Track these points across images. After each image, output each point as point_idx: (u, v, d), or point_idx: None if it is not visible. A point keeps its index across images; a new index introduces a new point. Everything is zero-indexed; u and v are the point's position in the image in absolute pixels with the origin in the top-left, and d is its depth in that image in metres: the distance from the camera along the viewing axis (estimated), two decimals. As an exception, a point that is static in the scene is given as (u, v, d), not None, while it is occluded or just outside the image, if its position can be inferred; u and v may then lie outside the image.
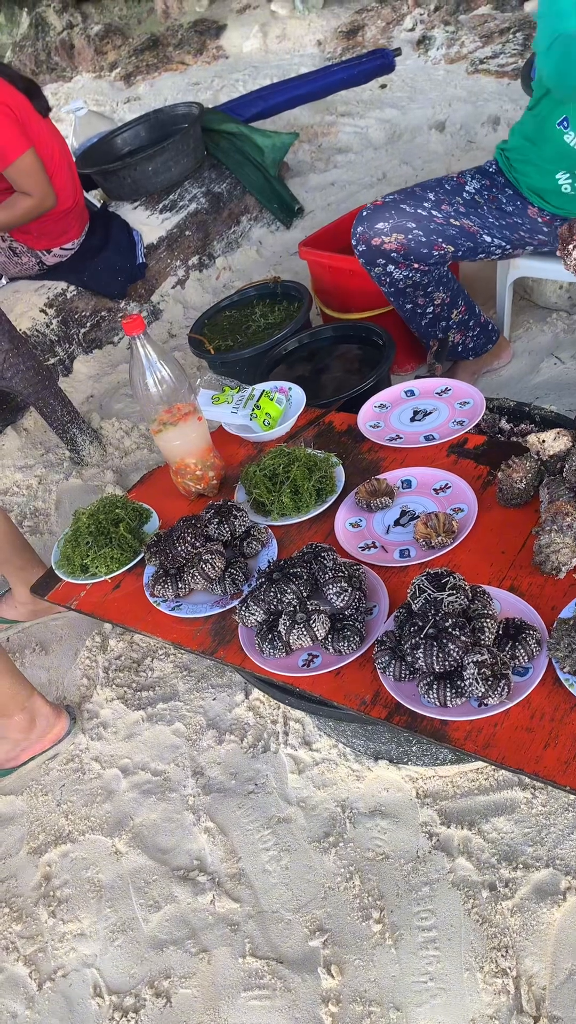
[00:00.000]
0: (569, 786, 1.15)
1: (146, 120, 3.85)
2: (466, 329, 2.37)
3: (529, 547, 1.46)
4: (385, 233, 2.10)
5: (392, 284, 2.21)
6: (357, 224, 2.17)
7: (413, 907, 1.47)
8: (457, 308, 2.30)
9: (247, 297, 2.77)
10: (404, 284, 2.20)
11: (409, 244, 2.10)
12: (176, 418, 1.73)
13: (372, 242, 2.13)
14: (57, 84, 6.93)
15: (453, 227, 2.11)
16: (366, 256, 2.18)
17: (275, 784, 1.73)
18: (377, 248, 2.13)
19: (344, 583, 1.41)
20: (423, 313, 2.28)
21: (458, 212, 2.12)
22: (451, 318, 2.31)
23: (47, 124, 2.86)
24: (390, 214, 2.11)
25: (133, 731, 1.94)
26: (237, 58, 6.13)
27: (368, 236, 2.14)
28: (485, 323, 2.42)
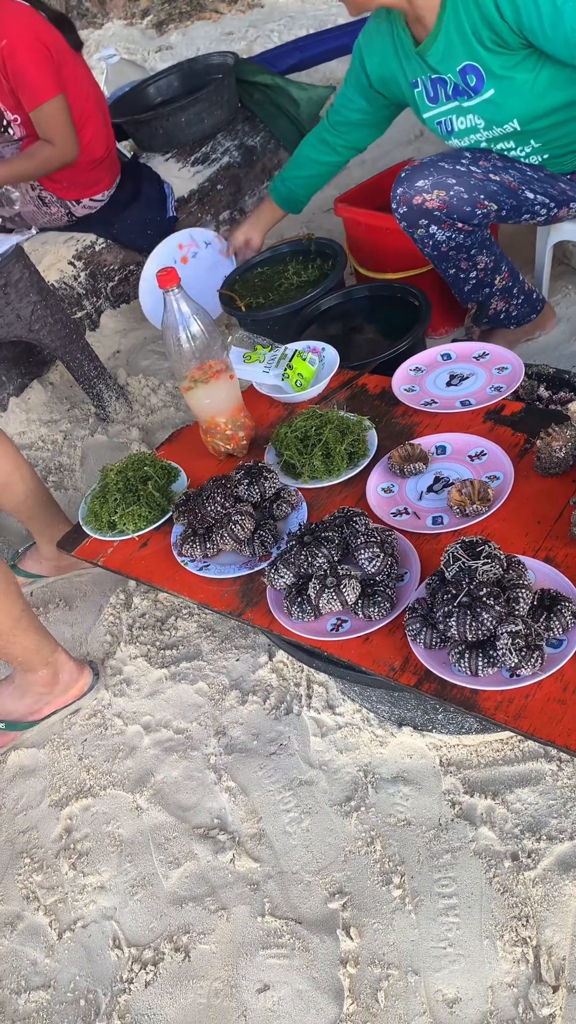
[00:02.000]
0: (601, 761, 1.13)
1: (179, 70, 3.76)
2: (510, 297, 2.31)
3: (566, 518, 1.43)
4: (426, 191, 2.04)
5: (435, 247, 2.15)
6: (397, 186, 2.11)
7: (434, 874, 1.47)
8: (500, 274, 2.25)
9: (280, 254, 2.71)
10: (447, 247, 2.14)
11: (451, 201, 2.04)
12: (208, 376, 1.71)
13: (413, 201, 2.07)
14: (88, 31, 6.80)
15: (493, 182, 2.05)
16: (408, 218, 2.12)
17: (297, 746, 1.73)
18: (419, 208, 2.07)
19: (376, 548, 1.39)
20: (466, 278, 2.22)
21: (496, 167, 2.06)
22: (494, 284, 2.25)
23: (83, 66, 2.80)
24: (429, 172, 2.05)
25: (156, 689, 1.94)
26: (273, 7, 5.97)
27: (408, 196, 2.08)
28: (529, 291, 2.36)
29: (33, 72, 2.55)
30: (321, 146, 2.35)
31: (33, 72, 2.55)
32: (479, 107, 1.95)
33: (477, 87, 1.90)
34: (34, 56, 2.54)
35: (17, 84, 2.59)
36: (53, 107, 2.60)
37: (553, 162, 2.03)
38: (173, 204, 3.37)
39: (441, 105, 2.02)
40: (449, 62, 1.90)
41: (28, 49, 2.54)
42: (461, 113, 2.00)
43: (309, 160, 2.38)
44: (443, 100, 2.01)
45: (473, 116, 1.98)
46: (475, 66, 1.87)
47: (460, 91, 1.94)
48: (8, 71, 2.58)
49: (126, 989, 1.47)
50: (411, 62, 2.00)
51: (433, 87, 2.00)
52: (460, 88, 1.93)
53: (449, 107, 2.01)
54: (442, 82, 1.97)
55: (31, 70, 2.55)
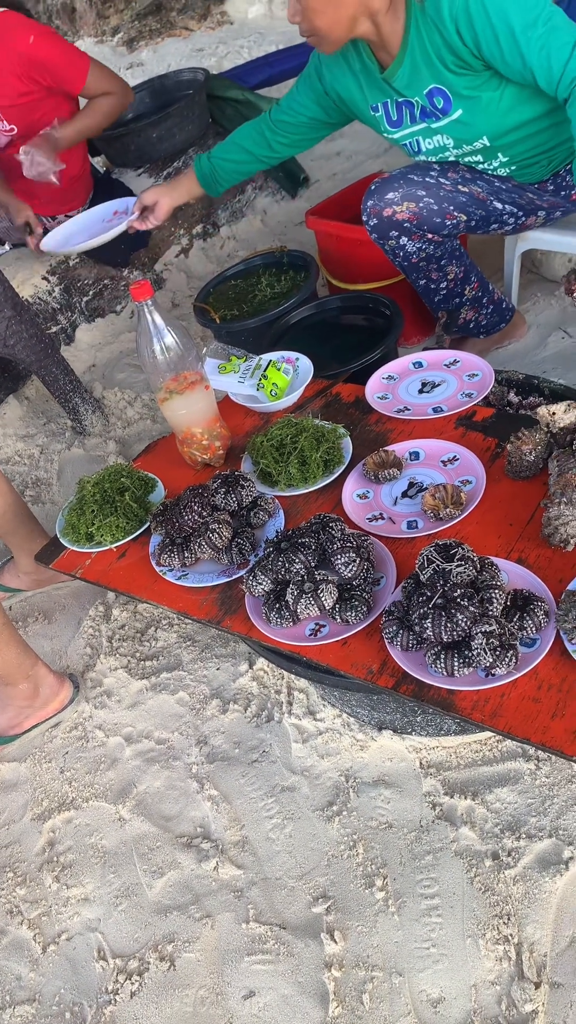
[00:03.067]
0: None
1: (150, 86, 3.79)
2: (480, 306, 2.34)
3: (537, 519, 1.46)
4: (396, 203, 2.07)
5: (406, 258, 2.18)
6: (367, 199, 2.14)
7: (416, 875, 1.48)
8: (470, 284, 2.28)
9: (253, 266, 2.74)
10: (418, 258, 2.17)
11: (421, 213, 2.07)
12: (183, 387, 1.72)
13: (384, 213, 2.10)
14: (58, 49, 6.82)
15: (462, 193, 2.08)
16: (378, 230, 2.15)
17: (279, 753, 1.74)
18: (389, 219, 2.10)
19: (352, 553, 1.41)
20: (437, 288, 2.25)
21: (464, 178, 2.10)
22: (464, 294, 2.28)
23: None
24: (399, 184, 2.08)
25: (137, 700, 1.94)
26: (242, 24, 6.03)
27: (379, 208, 2.11)
28: (499, 300, 2.39)
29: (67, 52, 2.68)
30: (259, 138, 2.26)
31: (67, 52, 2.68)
32: (448, 127, 1.96)
33: (445, 108, 1.91)
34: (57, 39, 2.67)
35: (60, 72, 2.68)
36: (95, 69, 2.73)
37: (521, 173, 2.07)
38: (146, 219, 3.39)
39: (405, 128, 2.03)
40: (415, 86, 1.91)
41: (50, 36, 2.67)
42: (429, 134, 2.01)
43: (242, 148, 2.28)
44: (407, 123, 2.01)
45: (442, 136, 2.00)
46: (441, 88, 1.88)
47: (428, 113, 1.95)
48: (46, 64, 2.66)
49: (112, 1000, 1.47)
50: (374, 87, 2.00)
51: (398, 110, 2.01)
52: (428, 110, 1.94)
53: (415, 129, 2.02)
54: (408, 105, 1.98)
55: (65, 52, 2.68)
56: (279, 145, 2.27)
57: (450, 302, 2.30)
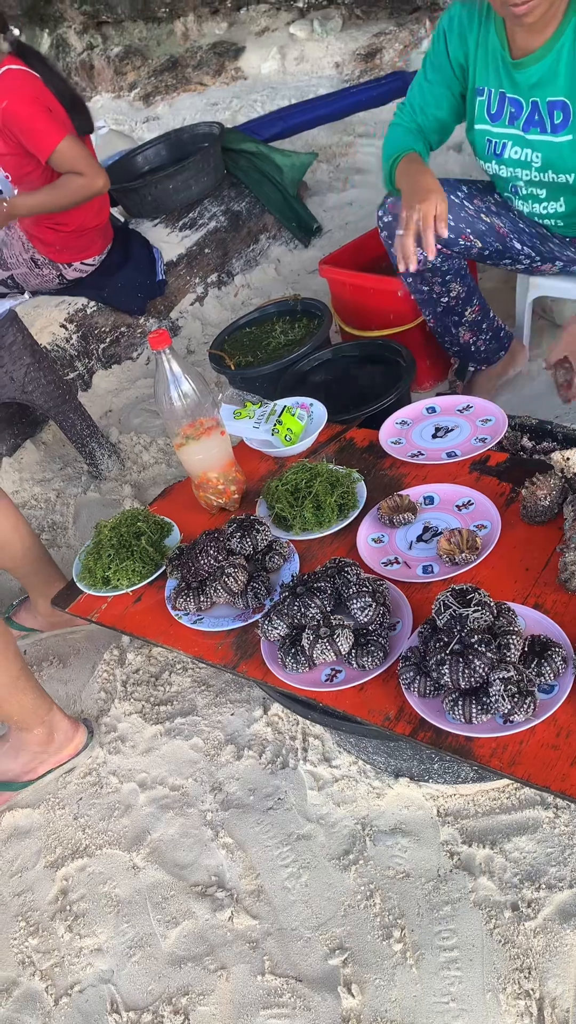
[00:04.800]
0: (596, 805, 1.14)
1: (167, 139, 3.89)
2: (478, 331, 2.36)
3: (553, 565, 1.46)
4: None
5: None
6: (388, 197, 2.15)
7: (434, 927, 1.45)
8: (471, 306, 2.29)
9: (267, 314, 2.78)
10: (423, 266, 2.17)
11: None
12: (199, 432, 1.74)
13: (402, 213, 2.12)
14: (77, 104, 7.01)
15: (483, 222, 2.09)
16: (389, 228, 2.15)
17: (294, 800, 1.72)
18: None
19: (368, 598, 1.41)
20: (438, 300, 2.24)
21: (489, 210, 2.11)
22: (464, 314, 2.30)
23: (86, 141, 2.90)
24: None
25: (151, 745, 1.93)
26: (256, 79, 6.19)
27: (397, 207, 2.10)
28: (498, 328, 2.41)
29: (37, 123, 2.66)
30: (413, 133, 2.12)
31: (37, 123, 2.66)
32: (548, 146, 1.88)
33: (559, 127, 1.82)
34: (34, 110, 2.66)
35: (26, 140, 2.69)
36: (67, 145, 2.68)
37: (564, 227, 2.06)
38: (162, 268, 3.46)
39: (501, 126, 1.94)
40: (543, 88, 1.80)
41: (27, 105, 2.66)
42: (521, 144, 1.92)
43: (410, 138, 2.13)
44: (505, 122, 1.92)
45: (532, 152, 1.91)
46: (568, 104, 1.79)
47: (536, 122, 1.86)
48: (13, 130, 2.68)
49: (124, 1055, 1.44)
50: (492, 70, 1.90)
51: (501, 104, 1.90)
52: (537, 119, 1.85)
53: (509, 132, 1.93)
54: (517, 104, 1.88)
55: (35, 122, 2.66)
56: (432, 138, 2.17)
57: (450, 318, 2.31)
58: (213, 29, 6.74)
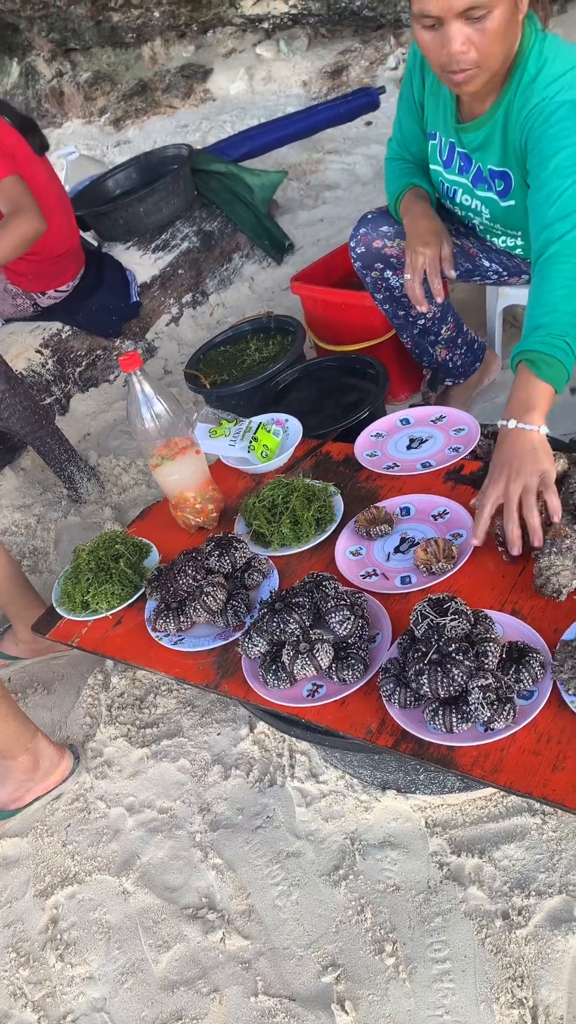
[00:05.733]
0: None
1: (136, 162, 3.91)
2: (454, 347, 2.38)
3: (529, 570, 1.46)
4: (388, 237, 2.09)
5: (388, 290, 2.20)
6: (360, 226, 2.17)
7: (426, 939, 1.45)
8: (446, 324, 2.31)
9: (241, 332, 2.79)
10: (399, 292, 2.19)
11: None
12: (174, 452, 1.75)
13: (373, 244, 2.13)
14: (48, 130, 7.05)
15: (454, 245, 2.13)
16: (364, 259, 2.17)
17: (283, 818, 1.72)
18: (377, 251, 2.13)
19: (347, 611, 1.41)
20: (414, 322, 2.27)
21: (459, 232, 2.14)
22: (440, 333, 2.32)
23: (44, 165, 2.88)
24: (393, 219, 2.12)
25: (138, 769, 1.92)
26: (224, 100, 6.24)
27: (370, 238, 2.13)
28: (472, 341, 2.43)
29: None
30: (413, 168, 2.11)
31: None
32: (494, 204, 1.90)
33: (502, 193, 1.85)
34: None
35: None
36: (8, 184, 2.53)
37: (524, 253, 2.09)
38: (136, 290, 3.47)
39: (452, 174, 1.95)
40: (485, 155, 1.81)
41: None
42: (471, 194, 1.94)
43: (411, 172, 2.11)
44: (455, 171, 1.93)
45: (482, 205, 1.94)
46: (508, 174, 1.80)
47: (483, 179, 1.87)
48: None
49: None
50: (440, 119, 1.89)
51: (451, 154, 1.91)
52: (484, 178, 1.86)
53: (459, 180, 1.94)
54: (466, 159, 1.88)
55: None
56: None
57: (426, 338, 2.33)
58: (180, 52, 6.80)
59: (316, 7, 5.52)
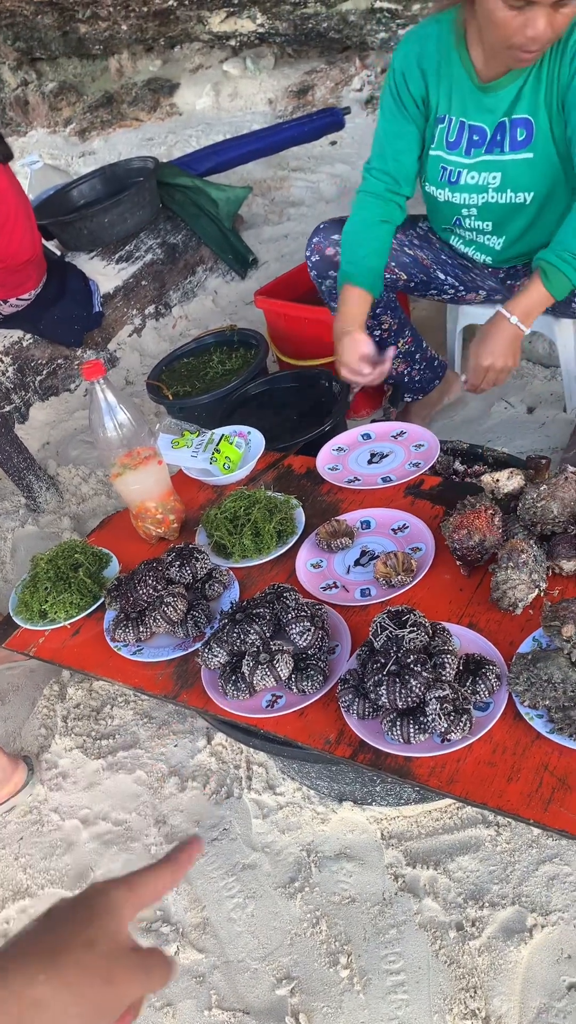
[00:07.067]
0: (532, 819, 1.16)
1: (102, 173, 3.91)
2: (412, 361, 2.41)
3: (486, 584, 1.49)
4: (340, 244, 2.12)
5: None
6: (313, 236, 2.20)
7: (381, 950, 1.45)
8: (403, 337, 2.34)
9: (204, 344, 2.80)
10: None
11: None
12: (136, 462, 1.74)
13: (326, 252, 2.16)
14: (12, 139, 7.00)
15: (407, 255, 2.16)
16: (318, 267, 2.21)
17: (239, 830, 1.71)
18: (330, 259, 2.16)
19: (307, 623, 1.42)
20: (370, 333, 2.29)
21: (412, 243, 2.17)
22: (397, 346, 2.35)
23: (6, 173, 2.87)
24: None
25: (93, 780, 1.90)
26: (190, 115, 6.27)
27: (323, 247, 2.17)
28: (431, 358, 2.46)
29: None
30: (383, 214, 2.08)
31: None
32: (510, 164, 1.92)
33: (523, 143, 1.87)
34: None
35: None
36: None
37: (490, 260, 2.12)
38: (99, 300, 3.46)
39: (458, 155, 1.97)
40: (511, 108, 1.85)
41: None
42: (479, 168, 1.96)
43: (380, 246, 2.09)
44: (463, 151, 1.96)
45: (490, 174, 1.95)
46: (531, 121, 1.84)
47: (498, 142, 1.90)
48: None
49: None
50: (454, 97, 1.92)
51: (460, 133, 1.94)
52: (499, 139, 1.89)
53: (465, 161, 1.96)
54: (480, 131, 1.91)
55: None
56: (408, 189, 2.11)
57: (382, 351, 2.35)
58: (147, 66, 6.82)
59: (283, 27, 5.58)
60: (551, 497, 1.47)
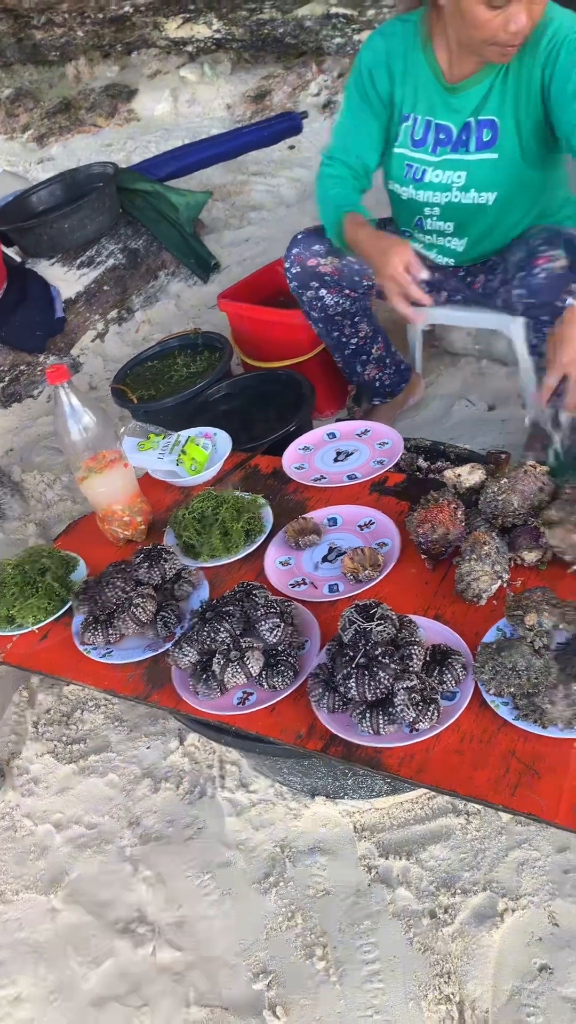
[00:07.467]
0: (500, 804, 1.18)
1: (61, 179, 3.90)
2: (383, 366, 2.44)
3: (451, 577, 1.51)
4: (321, 255, 2.13)
5: (323, 310, 2.24)
6: (292, 247, 2.20)
7: (356, 941, 1.47)
8: (377, 344, 2.37)
9: (168, 348, 2.81)
10: (334, 311, 2.24)
11: (343, 269, 2.15)
12: (102, 465, 1.75)
13: (308, 263, 2.16)
14: (-32, 145, 6.95)
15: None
16: (299, 279, 2.20)
17: (213, 828, 1.72)
18: (312, 270, 2.17)
19: (276, 619, 1.44)
20: (347, 343, 2.32)
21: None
22: (371, 352, 2.38)
23: None
24: (326, 238, 2.17)
25: (65, 785, 1.90)
26: (149, 121, 6.27)
27: (304, 257, 2.17)
28: (399, 361, 2.50)
29: None
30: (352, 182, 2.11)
31: None
32: (475, 164, 1.95)
33: (488, 143, 1.90)
34: None
35: None
36: None
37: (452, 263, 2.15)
38: (61, 305, 3.45)
39: (423, 153, 1.99)
40: (479, 108, 1.88)
41: None
42: (444, 167, 1.98)
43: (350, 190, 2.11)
44: (429, 149, 1.98)
45: (455, 173, 1.98)
46: (495, 122, 1.87)
47: (463, 142, 1.93)
48: None
49: None
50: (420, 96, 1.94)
51: (427, 131, 1.96)
52: (464, 139, 1.92)
53: (431, 159, 1.98)
54: (446, 130, 1.93)
55: None
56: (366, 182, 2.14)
57: (358, 358, 2.38)
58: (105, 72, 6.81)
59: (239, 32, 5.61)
60: (511, 490, 1.50)
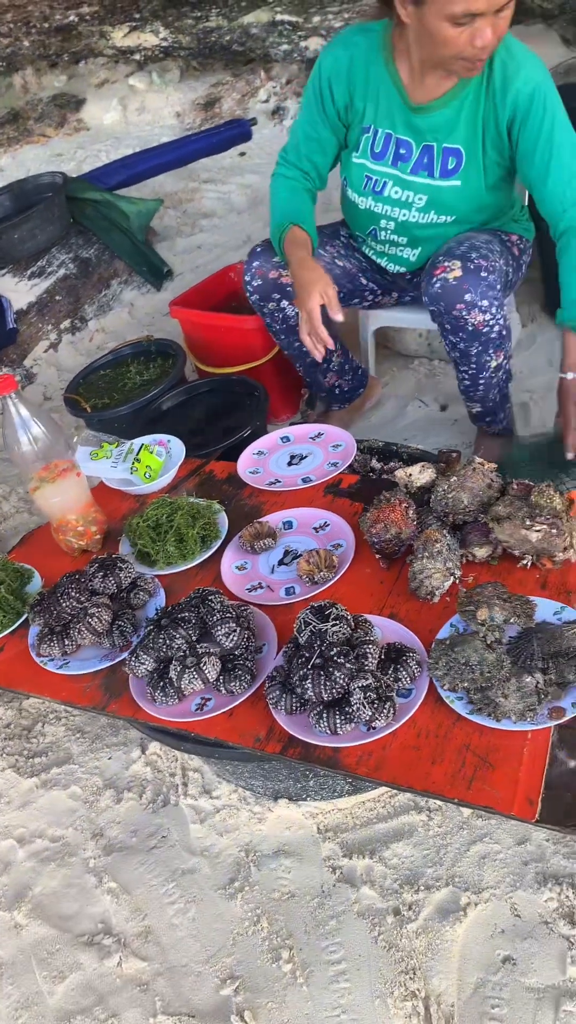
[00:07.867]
0: (457, 798, 1.20)
1: (9, 190, 3.87)
2: (343, 373, 2.46)
3: (405, 575, 1.53)
4: (282, 266, 2.12)
5: (284, 321, 2.25)
6: (252, 260, 2.19)
7: (321, 942, 1.48)
8: (336, 352, 2.39)
9: (121, 356, 2.80)
10: (295, 321, 2.25)
11: None
12: (54, 475, 1.74)
13: (269, 275, 2.16)
14: None
15: (338, 267, 2.20)
16: (260, 291, 2.20)
17: (177, 836, 1.72)
18: (274, 281, 2.17)
19: (232, 623, 1.44)
20: (308, 352, 2.32)
21: (340, 254, 2.22)
22: (332, 361, 2.39)
23: None
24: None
25: (27, 799, 1.88)
26: (98, 130, 6.25)
27: (265, 270, 2.16)
28: (356, 367, 2.52)
29: None
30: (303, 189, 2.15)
31: None
32: (435, 189, 1.97)
33: (451, 172, 1.92)
34: None
35: None
36: None
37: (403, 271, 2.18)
38: (12, 316, 3.42)
39: (383, 165, 1.99)
40: (443, 134, 1.89)
41: None
42: (403, 185, 1.99)
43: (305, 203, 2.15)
44: (389, 162, 1.98)
45: (415, 194, 1.99)
46: (462, 152, 1.89)
47: (425, 165, 1.94)
48: None
49: None
50: (382, 110, 1.94)
51: (387, 144, 1.96)
52: (426, 163, 1.93)
53: (391, 172, 1.99)
54: (407, 146, 1.94)
55: None
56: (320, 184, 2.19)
57: (319, 366, 2.39)
58: (52, 82, 6.77)
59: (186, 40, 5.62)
60: (461, 488, 1.52)
